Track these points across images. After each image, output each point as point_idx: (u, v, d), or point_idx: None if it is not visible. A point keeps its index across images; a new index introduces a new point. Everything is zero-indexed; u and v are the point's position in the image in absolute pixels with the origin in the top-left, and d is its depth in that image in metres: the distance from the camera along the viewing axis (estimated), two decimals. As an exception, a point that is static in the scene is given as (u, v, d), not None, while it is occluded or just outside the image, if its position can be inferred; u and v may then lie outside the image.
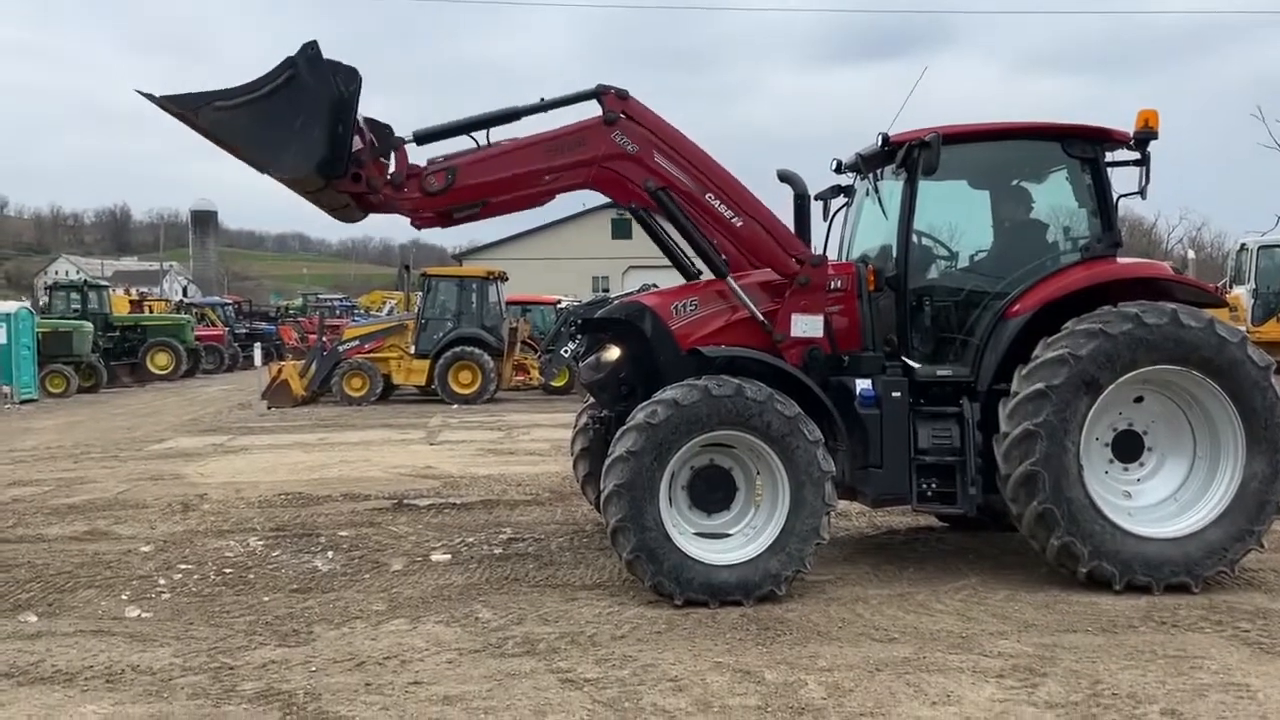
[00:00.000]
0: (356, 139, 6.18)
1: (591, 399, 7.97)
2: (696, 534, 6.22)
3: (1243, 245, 19.82)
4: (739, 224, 6.65)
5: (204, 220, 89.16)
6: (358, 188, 6.28)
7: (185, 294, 56.89)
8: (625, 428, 6.07)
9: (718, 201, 6.63)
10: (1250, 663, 5.00)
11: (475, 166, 6.42)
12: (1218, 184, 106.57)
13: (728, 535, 6.27)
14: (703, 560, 6.03)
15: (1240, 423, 6.30)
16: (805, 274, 6.71)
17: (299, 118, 5.87)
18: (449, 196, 6.42)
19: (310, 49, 5.92)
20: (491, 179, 6.43)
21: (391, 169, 6.39)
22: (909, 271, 6.86)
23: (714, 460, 6.27)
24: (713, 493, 6.26)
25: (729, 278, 6.63)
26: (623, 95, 6.47)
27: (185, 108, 5.91)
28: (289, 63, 5.86)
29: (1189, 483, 6.52)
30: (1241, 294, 18.56)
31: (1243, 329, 17.14)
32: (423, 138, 6.47)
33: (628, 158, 6.50)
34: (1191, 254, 32.74)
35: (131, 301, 36.60)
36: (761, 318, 6.61)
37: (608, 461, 6.05)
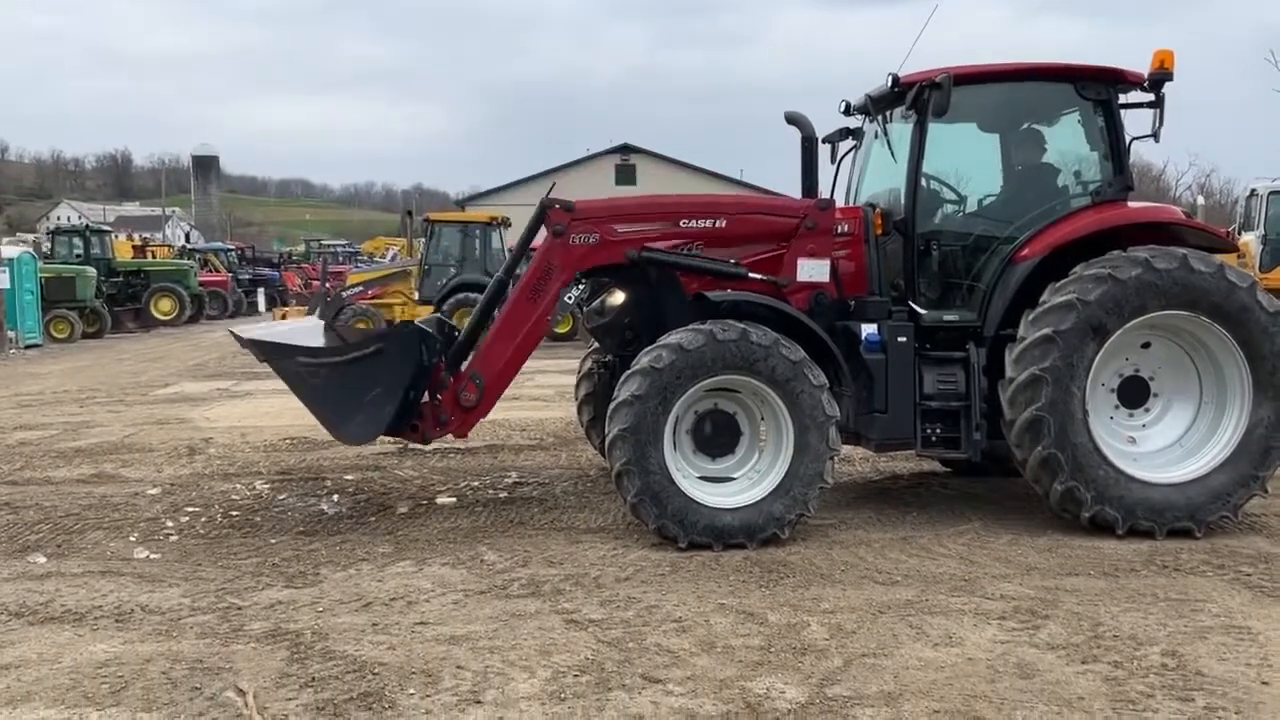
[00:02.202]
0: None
1: (596, 344, 7.95)
2: (700, 478, 6.24)
3: (1253, 191, 19.64)
4: (723, 224, 6.72)
5: (206, 165, 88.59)
6: (413, 437, 6.57)
7: (188, 239, 56.71)
8: (630, 372, 6.05)
9: (692, 221, 6.67)
10: (1251, 605, 5.03)
11: (490, 358, 6.57)
12: (1228, 130, 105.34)
13: (731, 479, 6.29)
14: (707, 504, 6.06)
15: (1248, 368, 6.27)
16: (812, 218, 6.66)
17: (374, 390, 6.08)
18: (487, 398, 6.58)
19: (405, 328, 6.17)
20: (509, 357, 6.58)
21: (439, 412, 6.52)
22: (917, 215, 6.78)
23: (718, 405, 6.26)
24: (717, 437, 6.27)
25: (750, 274, 6.60)
26: (567, 207, 6.55)
27: (270, 355, 6.24)
28: (380, 337, 6.16)
29: (1194, 428, 6.51)
30: (1250, 240, 18.41)
31: (1252, 275, 17.05)
32: (451, 364, 6.61)
33: (594, 248, 6.57)
34: (1200, 200, 32.48)
35: (134, 247, 36.56)
36: (759, 276, 6.60)
37: (612, 406, 6.05)
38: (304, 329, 7.80)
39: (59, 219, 77.75)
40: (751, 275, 6.59)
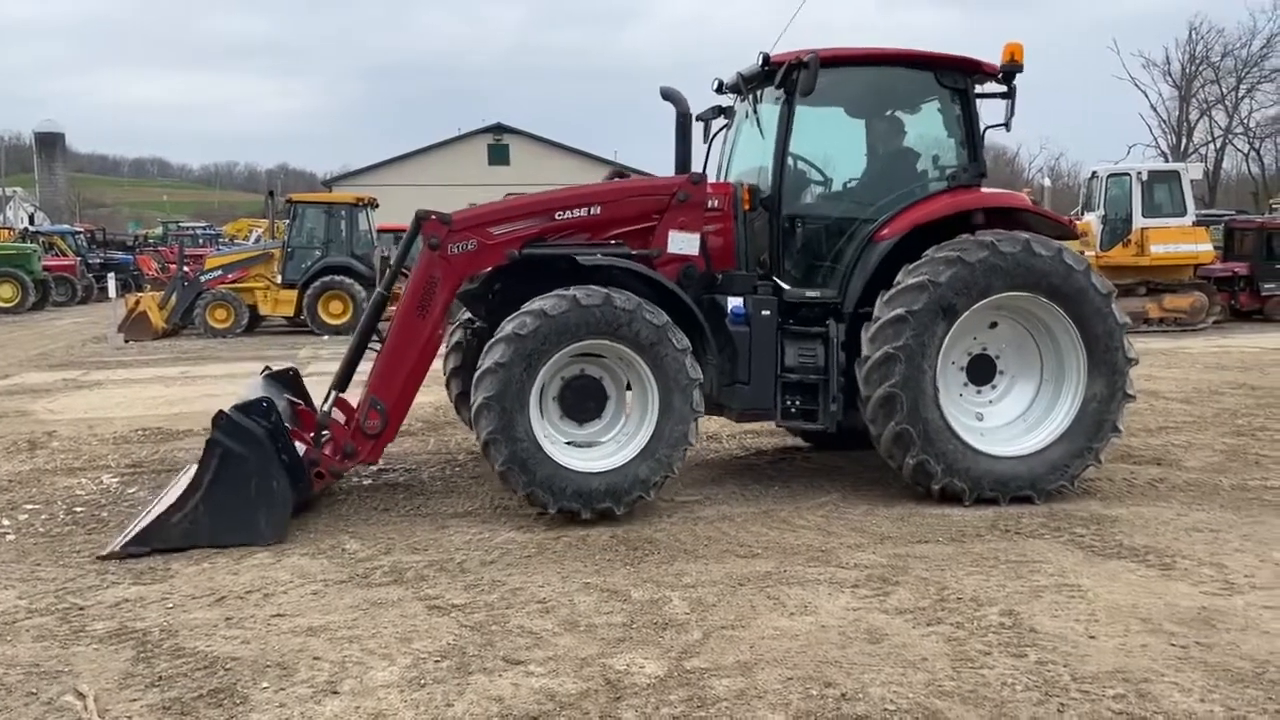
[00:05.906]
0: (300, 445, 6.29)
1: (467, 314, 7.80)
2: (568, 443, 6.27)
3: (1094, 174, 20.68)
4: (598, 211, 6.76)
5: (50, 143, 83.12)
6: (326, 481, 6.43)
7: (32, 222, 53.44)
8: (494, 339, 6.03)
9: (568, 212, 6.70)
10: (1083, 565, 5.35)
11: (385, 381, 6.43)
12: (1077, 115, 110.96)
13: (599, 444, 6.34)
14: (575, 469, 6.09)
15: (1083, 346, 6.65)
16: (685, 190, 6.74)
17: (250, 483, 5.84)
18: (391, 423, 6.45)
19: (220, 418, 5.88)
20: (404, 376, 6.44)
21: (340, 443, 6.41)
22: (783, 193, 6.92)
23: (584, 370, 6.31)
24: (584, 402, 6.32)
25: (632, 253, 6.61)
26: (444, 219, 6.50)
27: (151, 543, 5.71)
28: (212, 443, 5.83)
29: (1036, 404, 6.87)
30: (1091, 220, 19.42)
31: (1090, 255, 17.99)
32: (338, 385, 6.57)
33: (474, 255, 6.54)
34: (1047, 182, 34.06)
35: (-31, 230, 34.14)
36: (637, 253, 6.64)
37: (477, 374, 6.02)
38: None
39: (-116, 199, 71.80)
40: (633, 253, 6.62)
